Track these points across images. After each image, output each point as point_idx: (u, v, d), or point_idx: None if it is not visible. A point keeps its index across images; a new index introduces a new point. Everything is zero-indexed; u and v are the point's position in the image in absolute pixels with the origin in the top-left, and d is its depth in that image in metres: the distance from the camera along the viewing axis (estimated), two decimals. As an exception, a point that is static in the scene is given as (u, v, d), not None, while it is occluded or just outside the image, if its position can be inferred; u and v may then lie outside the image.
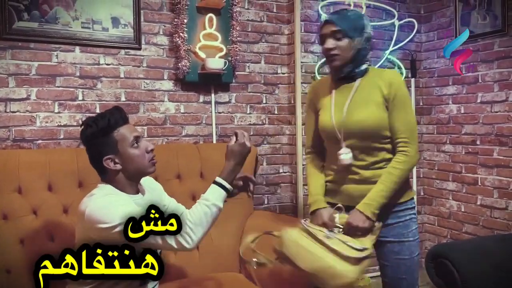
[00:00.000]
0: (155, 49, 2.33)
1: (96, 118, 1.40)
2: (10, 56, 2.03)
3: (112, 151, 1.39)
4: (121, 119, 1.41)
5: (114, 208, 1.30)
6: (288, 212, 2.69)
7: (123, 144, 1.39)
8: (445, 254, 1.59)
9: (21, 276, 1.75)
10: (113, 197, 1.37)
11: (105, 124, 1.37)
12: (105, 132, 1.38)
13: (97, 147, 1.40)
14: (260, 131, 2.61)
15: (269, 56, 2.63)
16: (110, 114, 1.40)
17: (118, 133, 1.39)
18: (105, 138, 1.38)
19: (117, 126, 1.39)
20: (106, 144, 1.38)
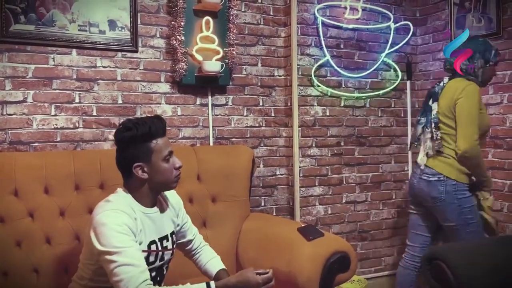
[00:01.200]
0: (152, 52, 2.34)
1: (137, 122, 1.38)
2: (7, 59, 2.03)
3: (145, 160, 1.38)
4: (161, 130, 1.40)
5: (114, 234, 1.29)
6: (284, 214, 2.69)
7: (157, 156, 1.39)
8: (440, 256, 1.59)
9: (18, 279, 1.75)
10: (120, 217, 1.32)
11: (146, 131, 1.37)
12: (144, 140, 1.37)
13: (131, 152, 1.39)
14: (257, 133, 2.62)
15: (265, 59, 2.64)
16: (152, 122, 1.39)
17: (156, 143, 1.39)
18: (142, 145, 1.38)
19: (156, 137, 1.39)
20: (141, 151, 1.38)
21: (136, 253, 1.28)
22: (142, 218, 1.41)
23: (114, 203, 1.38)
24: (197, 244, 1.68)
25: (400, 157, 2.96)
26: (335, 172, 2.77)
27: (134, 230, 1.34)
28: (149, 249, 1.42)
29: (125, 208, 1.37)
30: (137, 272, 1.24)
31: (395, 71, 2.91)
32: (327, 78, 2.73)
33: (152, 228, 1.44)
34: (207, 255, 1.66)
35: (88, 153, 2.06)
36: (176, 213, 1.59)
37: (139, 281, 1.23)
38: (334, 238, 1.91)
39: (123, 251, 1.26)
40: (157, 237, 1.46)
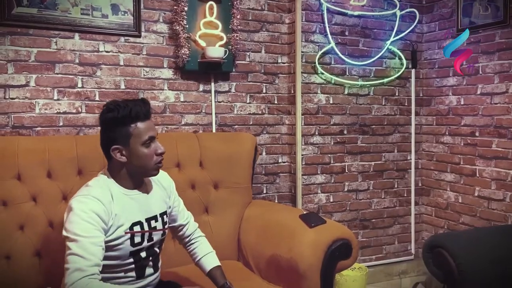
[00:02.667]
0: (155, 37, 2.32)
1: (119, 104, 1.37)
2: (9, 42, 2.02)
3: (123, 143, 1.37)
4: (142, 114, 1.38)
5: (77, 221, 1.29)
6: (286, 202, 2.70)
7: (136, 140, 1.37)
8: (442, 244, 1.60)
9: (21, 263, 1.76)
10: (88, 204, 1.32)
11: (125, 113, 1.35)
12: (123, 122, 1.36)
13: (110, 134, 1.39)
14: (260, 121, 2.61)
15: (269, 45, 2.61)
16: (134, 105, 1.37)
17: (135, 127, 1.37)
18: (120, 128, 1.37)
19: (136, 120, 1.37)
20: (119, 134, 1.37)
21: (91, 246, 1.27)
22: (123, 200, 1.41)
23: (91, 187, 1.38)
24: (190, 231, 1.66)
25: (403, 146, 2.95)
26: (338, 160, 2.76)
27: (104, 216, 1.33)
28: (131, 230, 1.41)
29: (100, 193, 1.36)
30: (85, 264, 1.24)
31: (400, 59, 2.88)
32: (331, 65, 2.70)
33: (135, 209, 1.43)
34: (202, 249, 1.64)
35: (91, 138, 2.06)
36: (168, 195, 1.58)
37: (83, 274, 1.22)
38: (336, 225, 1.91)
39: (80, 240, 1.26)
40: (143, 218, 1.45)
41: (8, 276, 1.73)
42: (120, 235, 1.38)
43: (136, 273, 1.45)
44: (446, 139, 2.87)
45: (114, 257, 1.39)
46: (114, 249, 1.38)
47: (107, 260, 1.35)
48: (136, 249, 1.43)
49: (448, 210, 2.87)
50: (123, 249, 1.40)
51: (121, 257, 1.40)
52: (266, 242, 1.96)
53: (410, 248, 3.00)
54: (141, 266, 1.46)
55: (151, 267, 1.50)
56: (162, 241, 1.56)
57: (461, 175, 2.77)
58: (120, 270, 1.42)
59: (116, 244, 1.38)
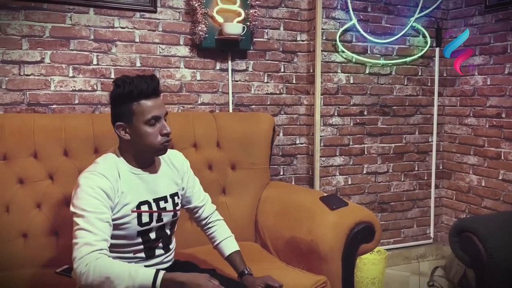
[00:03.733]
0: (171, 13, 2.25)
1: (125, 80, 1.32)
2: (23, 16, 1.97)
3: (126, 120, 1.34)
4: (147, 91, 1.32)
5: (83, 196, 1.27)
6: (303, 184, 2.65)
7: (138, 118, 1.32)
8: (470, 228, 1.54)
9: (38, 240, 1.75)
10: (95, 180, 1.29)
11: (129, 90, 1.30)
12: (126, 99, 1.32)
13: (115, 110, 1.36)
14: (277, 101, 2.54)
15: (288, 22, 2.52)
16: (140, 81, 1.31)
17: (138, 105, 1.32)
18: (124, 105, 1.33)
19: (139, 98, 1.32)
20: (123, 111, 1.33)
21: (98, 221, 1.24)
22: (130, 179, 1.37)
23: (97, 164, 1.36)
24: (206, 213, 1.61)
25: (424, 128, 2.86)
26: (357, 142, 2.69)
27: (110, 193, 1.30)
28: (138, 209, 1.38)
29: (107, 170, 1.33)
30: (93, 239, 1.21)
31: (424, 37, 2.77)
32: (352, 43, 2.61)
33: (143, 188, 1.40)
34: (221, 233, 1.59)
35: (107, 117, 1.97)
36: (181, 176, 1.53)
37: (93, 248, 1.20)
38: (358, 208, 1.86)
39: (87, 216, 1.24)
40: (151, 198, 1.41)
41: (25, 255, 1.73)
42: (127, 214, 1.35)
43: (146, 254, 1.42)
44: (470, 120, 2.77)
45: (122, 236, 1.36)
46: (121, 228, 1.35)
47: (115, 239, 1.33)
48: (144, 229, 1.40)
49: (470, 194, 2.79)
50: (130, 229, 1.37)
51: (129, 236, 1.38)
52: (285, 223, 1.92)
53: (429, 231, 2.94)
54: (151, 247, 1.43)
55: (161, 249, 1.47)
56: (173, 223, 1.52)
57: (485, 158, 2.68)
58: (129, 250, 1.39)
59: (123, 222, 1.35)
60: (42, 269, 1.72)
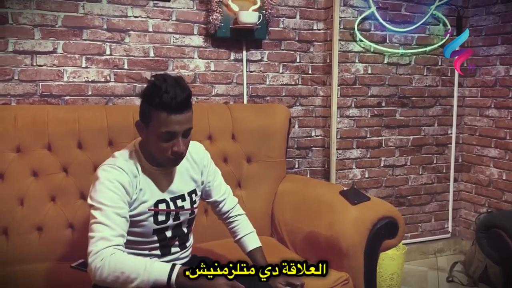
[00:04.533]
0: (185, 1, 2.19)
1: (157, 83, 1.23)
2: (35, 5, 1.93)
3: (145, 122, 1.28)
4: (170, 105, 1.21)
5: (102, 189, 1.23)
6: (319, 177, 2.59)
7: (154, 127, 1.25)
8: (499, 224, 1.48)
9: (53, 234, 1.73)
10: (114, 173, 1.26)
11: (153, 96, 1.22)
12: (149, 103, 1.24)
13: (141, 105, 1.30)
14: (293, 92, 2.48)
15: (304, 11, 2.45)
16: (167, 93, 1.20)
17: (157, 114, 1.23)
18: (146, 106, 1.26)
19: (160, 108, 1.22)
20: (144, 111, 1.28)
21: (115, 216, 1.21)
22: (148, 176, 1.33)
23: (116, 158, 1.32)
24: (227, 207, 1.57)
25: (444, 120, 2.78)
26: (374, 134, 2.63)
27: (129, 188, 1.27)
28: (156, 208, 1.34)
29: (126, 164, 1.29)
30: (110, 234, 1.18)
31: (444, 25, 2.68)
32: (371, 32, 2.53)
33: (161, 186, 1.36)
34: (243, 228, 1.55)
35: (121, 108, 1.98)
36: (200, 170, 1.47)
37: (109, 243, 1.17)
38: (381, 202, 1.80)
39: (104, 209, 1.20)
40: (168, 196, 1.37)
41: (40, 248, 1.71)
42: (143, 211, 1.32)
43: (161, 251, 1.39)
44: (491, 112, 2.69)
45: (137, 234, 1.33)
46: (137, 225, 1.32)
47: (130, 235, 1.30)
48: (160, 228, 1.36)
49: (490, 188, 2.72)
50: (146, 226, 1.34)
51: (144, 234, 1.35)
52: (303, 218, 1.88)
53: (447, 226, 2.88)
54: (166, 245, 1.40)
55: (177, 247, 1.44)
56: (191, 221, 1.48)
57: (507, 151, 2.60)
58: (144, 247, 1.36)
59: (139, 220, 1.32)
60: (57, 263, 1.70)
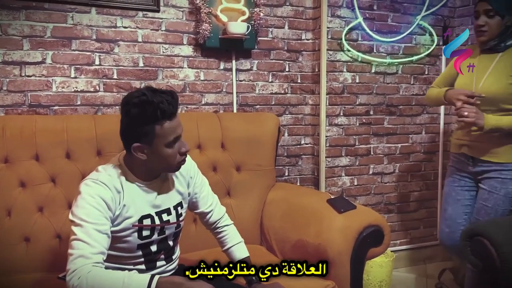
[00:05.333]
0: (174, 12, 2.21)
1: (144, 99, 1.22)
2: (24, 16, 1.94)
3: (146, 142, 1.26)
4: (170, 112, 1.24)
5: (83, 205, 1.23)
6: (308, 185, 2.61)
7: (160, 141, 1.25)
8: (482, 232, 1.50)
9: (40, 245, 1.72)
10: (96, 189, 1.25)
11: (152, 113, 1.22)
12: (148, 121, 1.23)
13: (133, 130, 1.26)
14: (282, 101, 2.51)
15: (293, 21, 2.48)
16: (161, 102, 1.22)
17: (161, 128, 1.24)
18: (146, 127, 1.24)
19: (163, 120, 1.23)
20: (144, 133, 1.25)
21: (96, 233, 1.20)
22: (133, 191, 1.32)
23: (100, 173, 1.30)
24: (215, 218, 1.57)
25: (431, 127, 2.82)
26: (363, 142, 2.65)
27: (111, 204, 1.26)
28: (140, 223, 1.34)
29: (109, 179, 1.28)
30: (89, 252, 1.17)
31: (430, 35, 2.72)
32: (358, 42, 2.56)
33: (145, 201, 1.35)
34: (231, 238, 1.56)
35: (110, 118, 1.99)
36: (186, 181, 1.47)
37: (87, 261, 1.16)
38: (367, 210, 1.82)
39: (85, 226, 1.19)
40: (153, 211, 1.37)
41: (27, 259, 1.70)
42: (127, 227, 1.31)
43: (146, 266, 1.39)
44: (477, 120, 2.72)
45: (121, 249, 1.33)
46: (121, 241, 1.32)
47: (114, 251, 1.30)
48: (145, 242, 1.36)
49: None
50: (131, 242, 1.33)
51: (129, 249, 1.34)
52: (292, 226, 1.89)
53: (436, 233, 2.91)
54: (151, 259, 1.40)
55: (162, 260, 1.43)
56: (177, 234, 1.47)
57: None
58: (129, 262, 1.36)
59: (123, 236, 1.31)
60: (45, 274, 1.69)
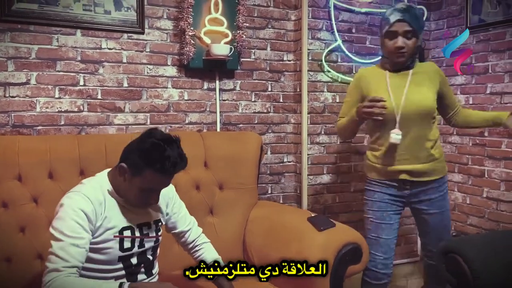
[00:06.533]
0: (159, 34, 2.26)
1: (159, 146, 1.29)
2: (9, 38, 1.96)
3: (131, 171, 1.32)
4: (168, 172, 1.32)
5: (64, 218, 1.27)
6: (291, 202, 2.65)
7: (140, 180, 1.32)
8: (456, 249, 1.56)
9: (22, 265, 1.72)
10: (78, 201, 1.30)
11: (154, 160, 1.29)
12: (146, 161, 1.30)
13: (132, 153, 1.33)
14: (265, 120, 2.56)
15: (275, 43, 2.56)
16: (168, 160, 1.29)
17: (150, 174, 1.30)
18: (141, 162, 1.30)
19: (157, 172, 1.30)
20: (136, 164, 1.31)
21: (72, 248, 1.24)
22: (115, 204, 1.38)
23: (83, 185, 1.36)
24: (192, 237, 1.62)
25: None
26: (344, 160, 2.71)
27: (92, 216, 1.30)
28: (121, 234, 1.38)
29: (92, 191, 1.34)
30: (62, 265, 1.22)
31: (407, 57, 2.82)
32: (338, 63, 2.65)
33: (127, 213, 1.40)
34: (208, 256, 1.61)
35: (93, 138, 2.01)
36: (166, 202, 1.53)
37: (59, 274, 1.21)
38: (345, 229, 1.87)
39: (64, 240, 1.24)
40: (135, 223, 1.42)
41: (8, 279, 1.69)
42: (108, 238, 1.35)
43: (128, 279, 1.41)
44: (454, 139, 2.82)
45: (102, 261, 1.36)
46: (102, 252, 1.35)
47: (95, 263, 1.33)
48: (126, 255, 1.39)
49: (455, 211, 2.83)
50: (112, 254, 1.37)
51: (110, 261, 1.37)
52: (273, 244, 1.92)
53: (416, 249, 2.96)
54: (132, 272, 1.43)
55: (143, 273, 1.46)
56: (155, 248, 1.52)
57: (469, 176, 2.73)
58: (110, 276, 1.38)
59: (104, 247, 1.35)
60: (25, 295, 1.68)
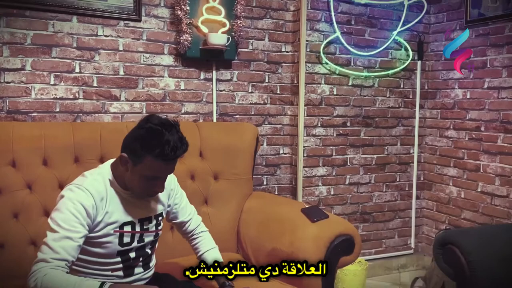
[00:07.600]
0: (156, 22, 2.25)
1: (157, 131, 1.26)
2: (5, 23, 1.95)
3: (132, 160, 1.30)
4: (168, 157, 1.28)
5: (62, 210, 1.26)
6: (286, 194, 2.66)
7: (141, 169, 1.30)
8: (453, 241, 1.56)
9: (15, 251, 1.72)
10: (78, 195, 1.28)
11: (153, 145, 1.26)
12: (145, 149, 1.27)
13: (131, 142, 1.31)
14: (262, 111, 2.55)
15: (273, 33, 2.54)
16: (168, 144, 1.26)
17: (150, 161, 1.28)
18: (140, 150, 1.28)
19: (157, 157, 1.27)
20: (135, 152, 1.29)
21: (66, 240, 1.23)
22: (117, 199, 1.37)
23: (85, 178, 1.34)
24: (192, 226, 1.63)
25: (406, 139, 2.90)
26: (340, 152, 2.72)
27: (91, 211, 1.29)
28: (121, 230, 1.37)
29: (94, 186, 1.32)
30: (51, 257, 1.21)
31: (406, 50, 2.82)
32: (336, 55, 2.64)
33: (129, 209, 1.39)
34: (205, 244, 1.61)
35: (88, 125, 2.00)
36: (167, 193, 1.52)
37: (45, 265, 1.20)
38: (338, 220, 1.87)
39: (59, 231, 1.23)
40: (136, 218, 1.41)
41: (1, 265, 1.69)
42: (109, 233, 1.35)
43: (124, 273, 1.41)
44: (450, 133, 2.82)
45: (101, 255, 1.36)
46: (101, 246, 1.35)
47: (93, 256, 1.33)
48: (125, 249, 1.39)
49: (449, 205, 2.84)
50: (111, 248, 1.36)
51: (108, 255, 1.37)
52: (267, 235, 1.92)
53: (410, 242, 2.98)
54: (130, 266, 1.43)
55: (140, 267, 1.47)
56: (154, 242, 1.52)
57: (465, 170, 2.73)
58: (107, 268, 1.38)
59: (104, 241, 1.34)
60: (19, 280, 1.68)
